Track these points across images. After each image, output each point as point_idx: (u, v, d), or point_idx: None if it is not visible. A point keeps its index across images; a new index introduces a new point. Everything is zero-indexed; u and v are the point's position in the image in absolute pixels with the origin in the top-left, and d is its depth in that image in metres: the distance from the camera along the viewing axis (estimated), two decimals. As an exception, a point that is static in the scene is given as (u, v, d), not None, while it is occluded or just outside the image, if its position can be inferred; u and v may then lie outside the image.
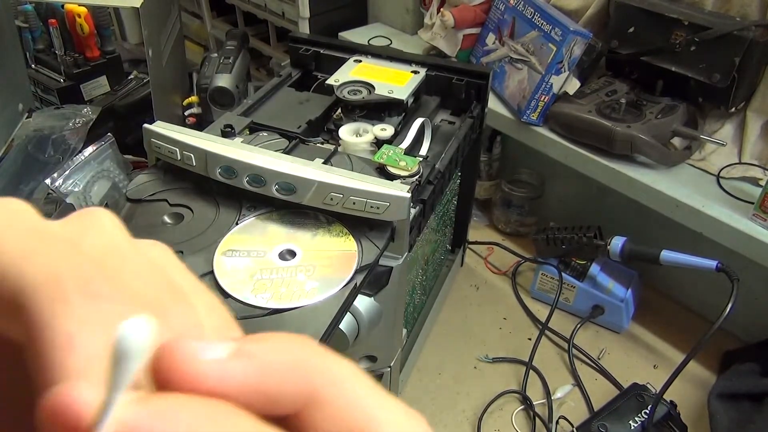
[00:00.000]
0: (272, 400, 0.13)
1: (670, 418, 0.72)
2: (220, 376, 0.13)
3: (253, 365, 0.13)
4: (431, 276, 0.86)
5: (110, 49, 1.20)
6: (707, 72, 0.77)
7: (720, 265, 0.73)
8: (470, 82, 0.78)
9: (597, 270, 0.89)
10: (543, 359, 0.86)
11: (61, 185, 0.89)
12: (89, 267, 0.14)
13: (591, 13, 0.89)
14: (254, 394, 0.13)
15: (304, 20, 1.14)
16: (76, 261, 0.14)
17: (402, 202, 0.55)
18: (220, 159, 0.57)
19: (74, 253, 0.14)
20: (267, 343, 0.14)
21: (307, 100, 0.76)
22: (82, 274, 0.14)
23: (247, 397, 0.13)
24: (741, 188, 0.78)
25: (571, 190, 1.05)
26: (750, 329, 0.86)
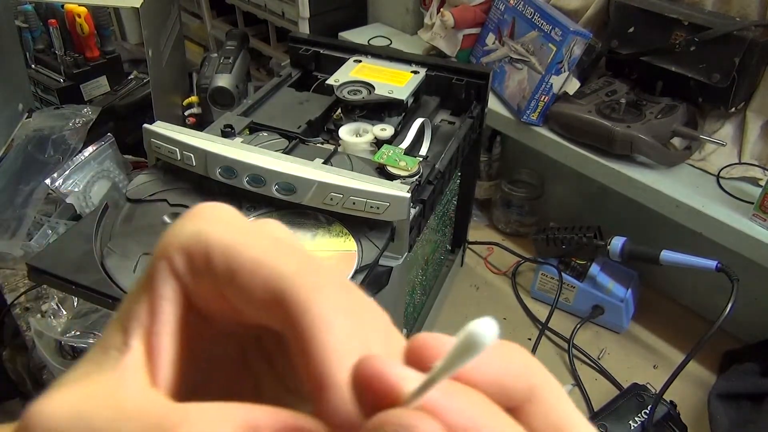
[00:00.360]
0: (507, 394, 0.16)
1: (670, 418, 0.72)
2: (473, 368, 0.15)
3: (496, 363, 0.16)
4: (431, 276, 0.86)
5: (110, 49, 1.20)
6: (707, 72, 0.77)
7: (720, 265, 0.73)
8: (470, 82, 0.78)
9: (597, 270, 0.89)
10: (543, 359, 0.85)
11: (61, 185, 0.89)
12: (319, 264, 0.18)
13: (591, 13, 0.89)
14: (497, 388, 0.16)
15: (304, 20, 1.14)
16: (309, 259, 0.17)
17: (402, 202, 0.55)
18: (220, 159, 0.57)
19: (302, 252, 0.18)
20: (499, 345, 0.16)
21: (307, 100, 0.76)
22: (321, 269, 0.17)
23: (492, 389, 0.16)
24: (741, 188, 0.78)
25: (571, 190, 1.05)
26: (750, 329, 0.86)
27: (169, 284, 0.18)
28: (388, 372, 0.15)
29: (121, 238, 0.55)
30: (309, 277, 0.17)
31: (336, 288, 0.17)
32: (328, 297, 0.16)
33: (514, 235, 1.08)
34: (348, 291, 0.17)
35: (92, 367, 0.17)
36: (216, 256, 0.17)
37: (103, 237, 0.56)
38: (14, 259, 0.90)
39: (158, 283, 0.18)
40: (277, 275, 0.17)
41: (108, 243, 0.54)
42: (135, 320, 0.17)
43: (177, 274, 0.18)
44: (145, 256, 0.53)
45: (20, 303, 0.87)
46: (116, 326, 0.18)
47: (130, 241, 0.55)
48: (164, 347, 0.17)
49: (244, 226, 0.18)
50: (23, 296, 0.87)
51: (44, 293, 0.87)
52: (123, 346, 0.17)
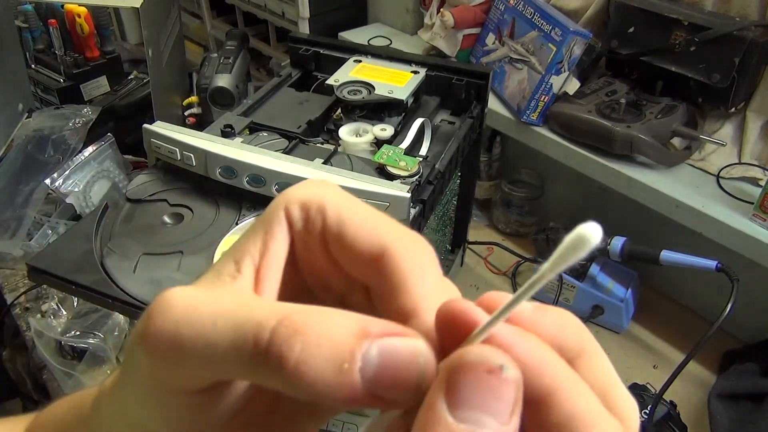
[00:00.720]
0: (560, 347, 0.18)
1: (670, 418, 0.72)
2: (533, 321, 0.18)
3: (554, 321, 0.18)
4: (431, 276, 0.86)
5: (110, 49, 1.20)
6: (707, 72, 0.77)
7: (720, 265, 0.73)
8: (470, 82, 0.78)
9: (597, 270, 0.89)
10: (543, 359, 0.85)
11: (61, 185, 0.89)
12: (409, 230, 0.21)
13: (591, 13, 0.89)
14: (555, 340, 0.18)
15: (304, 20, 1.14)
16: (402, 226, 0.21)
17: (402, 202, 0.55)
18: (220, 159, 0.57)
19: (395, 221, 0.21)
20: (556, 309, 0.19)
21: (307, 100, 0.76)
22: (411, 234, 0.20)
23: (551, 340, 0.18)
24: (741, 188, 0.78)
25: (571, 190, 1.05)
26: (750, 329, 0.86)
27: (283, 228, 0.21)
28: (471, 309, 0.17)
29: (121, 238, 0.55)
30: (405, 238, 0.20)
31: (423, 249, 0.20)
32: (421, 254, 0.20)
33: (514, 235, 1.08)
34: (431, 253, 0.20)
35: (206, 284, 0.20)
36: (330, 210, 0.20)
37: (103, 237, 0.56)
38: (14, 259, 0.90)
39: (274, 226, 0.20)
40: (382, 232, 0.20)
41: (108, 243, 0.54)
42: (247, 253, 0.20)
43: (291, 221, 0.21)
44: (145, 255, 0.53)
45: (20, 303, 0.87)
46: (229, 257, 0.20)
47: (130, 241, 0.55)
48: (271, 279, 0.20)
49: (352, 197, 0.21)
50: (23, 296, 0.87)
51: (44, 293, 0.87)
52: (236, 272, 0.20)
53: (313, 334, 0.16)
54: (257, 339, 0.16)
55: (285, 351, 0.16)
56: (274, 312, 0.17)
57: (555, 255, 0.16)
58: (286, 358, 0.16)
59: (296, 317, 0.17)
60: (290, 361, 0.16)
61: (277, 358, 0.16)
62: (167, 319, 0.17)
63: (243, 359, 0.17)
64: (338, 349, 0.16)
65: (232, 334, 0.17)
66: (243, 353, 0.17)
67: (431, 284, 0.19)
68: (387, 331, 0.17)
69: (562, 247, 0.16)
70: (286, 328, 0.16)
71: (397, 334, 0.17)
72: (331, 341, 0.16)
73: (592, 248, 0.16)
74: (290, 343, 0.16)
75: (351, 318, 0.17)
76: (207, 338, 0.17)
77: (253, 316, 0.17)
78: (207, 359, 0.17)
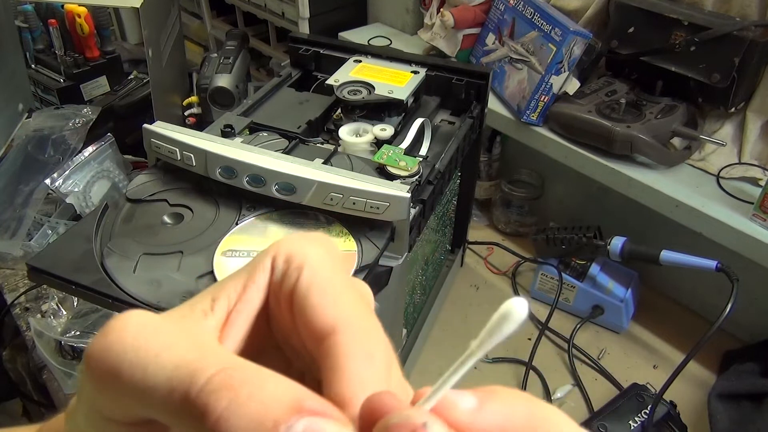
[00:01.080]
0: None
1: (670, 418, 0.72)
2: (471, 422, 0.16)
3: (497, 417, 0.17)
4: (431, 276, 0.86)
5: (110, 49, 1.20)
6: (707, 72, 0.77)
7: (720, 265, 0.73)
8: (470, 82, 0.78)
9: (597, 270, 0.89)
10: (543, 359, 0.86)
11: (61, 185, 0.89)
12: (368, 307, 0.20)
13: (591, 13, 0.89)
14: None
15: (304, 20, 1.14)
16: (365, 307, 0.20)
17: (402, 202, 0.55)
18: (220, 159, 0.57)
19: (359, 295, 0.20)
20: (503, 398, 0.17)
21: (307, 100, 0.76)
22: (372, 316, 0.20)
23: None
24: (741, 188, 0.78)
25: (571, 190, 1.05)
26: (750, 329, 0.86)
27: (264, 276, 0.21)
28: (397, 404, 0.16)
29: (121, 238, 0.55)
30: (360, 321, 0.19)
31: (376, 337, 0.19)
32: (373, 342, 0.19)
33: (514, 235, 1.08)
34: (383, 344, 0.19)
35: (177, 315, 0.20)
36: (307, 270, 0.20)
37: (103, 237, 0.56)
38: (14, 259, 0.90)
39: (257, 271, 0.21)
40: (340, 309, 0.19)
41: (108, 243, 0.54)
42: (225, 293, 0.20)
43: (274, 271, 0.21)
44: (145, 256, 0.53)
45: (20, 303, 0.87)
46: (209, 293, 0.20)
47: (130, 241, 0.55)
48: (238, 324, 0.20)
49: (339, 264, 0.21)
50: (23, 296, 0.87)
51: (44, 293, 0.87)
52: (209, 310, 0.20)
53: (244, 394, 0.16)
54: (191, 384, 0.16)
55: (211, 403, 0.15)
56: (216, 361, 0.16)
57: (483, 333, 0.16)
58: (210, 411, 0.15)
59: (234, 372, 0.16)
60: (213, 415, 0.15)
61: (203, 408, 0.15)
62: (114, 342, 0.17)
63: (172, 402, 0.16)
64: (264, 416, 0.15)
65: (170, 373, 0.16)
66: (174, 396, 0.16)
67: (373, 374, 0.18)
68: (319, 410, 0.16)
69: (490, 325, 0.16)
70: (220, 381, 0.16)
71: (328, 416, 0.16)
72: (260, 405, 0.15)
73: (519, 323, 0.16)
74: (218, 396, 0.16)
75: (289, 387, 0.16)
76: (145, 372, 0.16)
77: (194, 361, 0.16)
78: (141, 393, 0.16)
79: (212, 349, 0.17)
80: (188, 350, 0.17)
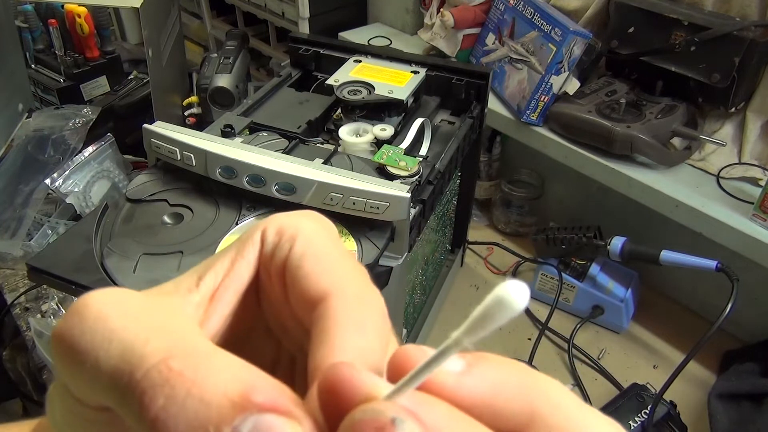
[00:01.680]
0: (499, 416, 0.15)
1: (670, 418, 0.72)
2: (457, 387, 0.15)
3: (486, 383, 0.15)
4: (431, 276, 0.86)
5: (110, 49, 1.20)
6: (707, 72, 0.77)
7: (720, 265, 0.73)
8: (470, 82, 0.78)
9: (597, 270, 0.89)
10: (543, 359, 0.86)
11: (61, 185, 0.89)
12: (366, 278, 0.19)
13: (591, 13, 0.89)
14: (485, 409, 0.15)
15: (304, 20, 1.14)
16: (362, 276, 0.19)
17: (402, 202, 0.55)
18: (220, 159, 0.57)
19: (357, 266, 0.19)
20: (494, 364, 0.16)
21: (307, 100, 0.76)
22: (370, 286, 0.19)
23: (478, 410, 0.15)
24: (741, 188, 0.78)
25: (571, 190, 1.05)
26: (750, 329, 0.86)
27: (254, 250, 0.20)
28: (357, 378, 0.14)
29: (121, 238, 0.55)
30: (354, 287, 0.18)
31: (371, 304, 0.18)
32: (365, 309, 0.18)
33: (514, 235, 1.08)
34: (378, 312, 0.18)
35: (158, 292, 0.19)
36: (300, 240, 0.19)
37: (103, 237, 0.56)
38: (14, 259, 0.90)
39: (247, 246, 0.20)
40: (335, 275, 0.18)
41: (108, 243, 0.54)
42: (213, 270, 0.19)
43: (264, 243, 0.20)
44: (145, 256, 0.53)
45: (20, 303, 0.87)
46: (195, 271, 0.20)
47: (130, 241, 0.55)
48: (225, 300, 0.19)
49: (332, 236, 0.20)
50: (23, 296, 0.87)
51: (44, 293, 0.87)
52: (194, 287, 0.19)
53: (183, 390, 0.14)
54: (130, 376, 0.14)
55: (147, 400, 0.14)
56: (161, 347, 0.15)
57: (470, 320, 0.14)
58: (145, 409, 0.14)
59: (174, 362, 0.14)
60: (149, 414, 0.14)
61: (138, 405, 0.14)
62: (75, 324, 0.16)
63: (117, 392, 0.15)
64: (204, 417, 0.14)
65: (116, 361, 0.15)
66: (118, 386, 0.15)
67: (363, 344, 0.16)
68: (271, 405, 0.14)
69: (480, 311, 0.14)
70: (158, 374, 0.14)
71: (280, 411, 0.14)
72: (201, 403, 0.14)
73: (516, 313, 0.13)
74: (155, 392, 0.14)
75: (237, 375, 0.14)
76: (97, 357, 0.15)
77: (140, 347, 0.15)
78: (95, 379, 0.15)
79: (164, 330, 0.16)
80: (139, 333, 0.15)
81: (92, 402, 0.16)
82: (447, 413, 0.14)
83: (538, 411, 0.15)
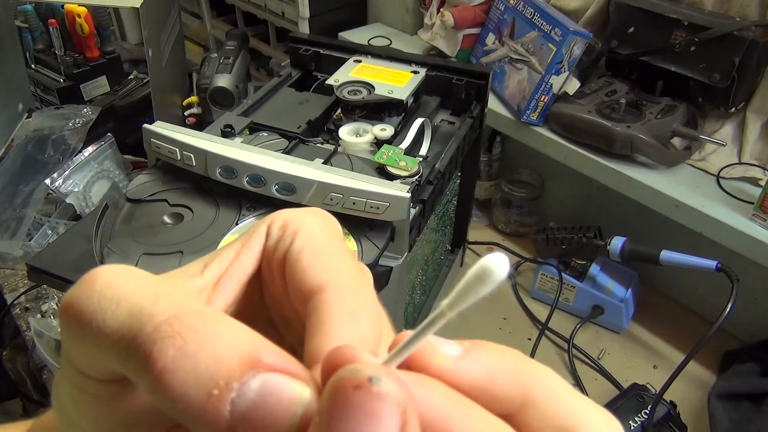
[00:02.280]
0: (494, 399, 0.16)
1: (670, 418, 0.72)
2: (454, 370, 0.16)
3: (482, 367, 0.16)
4: (431, 276, 0.86)
5: (110, 49, 1.20)
6: (707, 72, 0.77)
7: (720, 265, 0.73)
8: (470, 82, 0.78)
9: (597, 270, 0.89)
10: (543, 359, 0.85)
11: (61, 185, 0.89)
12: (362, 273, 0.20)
13: (591, 13, 0.89)
14: (481, 392, 0.16)
15: (304, 20, 1.14)
16: (358, 271, 0.19)
17: (402, 202, 0.55)
18: (220, 159, 0.57)
19: (354, 262, 0.20)
20: (490, 350, 0.17)
21: (307, 100, 0.76)
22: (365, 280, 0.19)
23: (475, 393, 0.15)
24: (741, 188, 0.78)
25: (571, 190, 1.05)
26: (750, 329, 0.86)
27: (259, 243, 0.20)
28: (357, 356, 0.15)
29: (121, 238, 0.55)
30: (349, 279, 0.19)
31: (364, 294, 0.19)
32: (359, 299, 0.18)
33: (514, 235, 1.08)
34: (371, 302, 0.19)
35: (165, 275, 0.19)
36: (301, 235, 0.20)
37: (103, 237, 0.56)
38: (14, 259, 0.90)
39: (252, 238, 0.21)
40: (331, 268, 0.19)
41: (108, 243, 0.54)
42: (219, 259, 0.20)
43: (269, 236, 0.20)
44: (145, 256, 0.53)
45: (20, 303, 0.87)
46: (201, 260, 0.20)
47: (130, 241, 0.55)
48: (228, 288, 0.20)
49: (335, 233, 0.21)
50: (23, 296, 0.87)
51: (44, 293, 0.87)
52: (199, 273, 0.20)
53: (194, 344, 0.14)
54: (138, 330, 0.15)
55: (156, 352, 0.14)
56: (170, 307, 0.15)
57: (456, 290, 0.15)
58: (154, 360, 0.14)
59: (186, 318, 0.15)
60: (157, 365, 0.14)
61: (145, 358, 0.14)
62: (83, 290, 0.16)
63: (122, 350, 0.15)
64: (215, 370, 0.14)
65: (123, 319, 0.15)
66: (123, 343, 0.15)
67: (355, 334, 0.17)
68: (278, 366, 0.14)
69: (464, 283, 0.15)
70: (168, 327, 0.14)
71: (287, 372, 0.14)
72: (212, 358, 0.14)
73: (498, 283, 0.14)
74: (164, 345, 0.14)
75: (246, 337, 0.15)
76: (104, 318, 0.15)
77: (148, 306, 0.15)
78: (101, 341, 0.15)
79: (171, 295, 0.16)
80: (147, 295, 0.16)
81: (99, 371, 0.17)
82: (446, 393, 0.15)
83: (531, 395, 0.16)
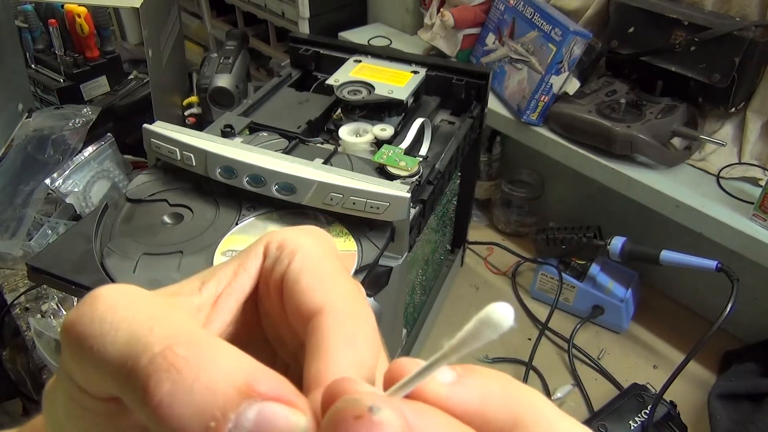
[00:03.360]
0: (487, 424, 0.16)
1: (670, 418, 0.72)
2: (449, 396, 0.16)
3: (475, 393, 0.16)
4: (431, 276, 0.86)
5: (110, 49, 1.20)
6: (707, 72, 0.77)
7: (720, 265, 0.73)
8: (470, 82, 0.78)
9: (597, 270, 0.89)
10: (543, 359, 0.86)
11: (61, 185, 0.89)
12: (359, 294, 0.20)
13: (591, 13, 0.89)
14: (474, 417, 0.16)
15: (304, 20, 1.14)
16: (355, 293, 0.20)
17: (402, 202, 0.55)
18: (220, 159, 0.57)
19: (352, 283, 0.20)
20: (480, 375, 0.17)
21: (307, 100, 0.76)
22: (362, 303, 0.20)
23: (468, 418, 0.16)
24: (741, 188, 0.78)
25: (571, 190, 1.05)
26: (750, 329, 0.86)
27: (256, 263, 0.21)
28: (355, 388, 0.15)
29: (121, 238, 0.55)
30: (348, 303, 0.19)
31: (363, 319, 0.19)
32: (358, 324, 0.18)
33: (514, 235, 1.08)
34: (369, 327, 0.19)
35: (163, 292, 0.20)
36: (299, 256, 0.20)
37: (103, 237, 0.56)
38: (14, 259, 0.90)
39: (250, 258, 0.21)
40: (329, 291, 0.19)
41: (108, 243, 0.54)
42: (216, 277, 0.20)
43: (266, 256, 0.21)
44: (145, 256, 0.53)
45: (20, 303, 0.87)
46: (199, 276, 0.20)
47: (130, 241, 0.54)
48: (226, 308, 0.20)
49: (332, 253, 0.21)
50: (23, 296, 0.87)
51: (44, 293, 0.86)
52: (196, 290, 0.20)
53: (190, 376, 0.14)
54: (135, 362, 0.15)
55: (152, 386, 0.14)
56: (165, 334, 0.15)
57: (460, 335, 0.15)
58: (151, 394, 0.14)
59: (180, 349, 0.15)
60: (153, 399, 0.14)
61: (143, 390, 0.14)
62: (85, 313, 0.16)
63: (122, 379, 0.15)
64: (211, 402, 0.14)
65: (122, 347, 0.15)
66: (122, 372, 0.15)
67: (354, 358, 0.17)
68: (274, 394, 0.15)
69: (469, 328, 0.15)
70: (163, 359, 0.15)
71: (284, 400, 0.15)
72: (207, 390, 0.14)
73: (503, 331, 0.15)
74: (160, 377, 0.14)
75: (241, 364, 0.15)
76: (104, 344, 0.16)
77: (146, 335, 0.15)
78: (102, 367, 0.16)
79: (168, 319, 0.16)
80: (143, 322, 0.16)
81: (98, 391, 0.17)
82: (444, 421, 0.15)
83: (521, 418, 0.16)
